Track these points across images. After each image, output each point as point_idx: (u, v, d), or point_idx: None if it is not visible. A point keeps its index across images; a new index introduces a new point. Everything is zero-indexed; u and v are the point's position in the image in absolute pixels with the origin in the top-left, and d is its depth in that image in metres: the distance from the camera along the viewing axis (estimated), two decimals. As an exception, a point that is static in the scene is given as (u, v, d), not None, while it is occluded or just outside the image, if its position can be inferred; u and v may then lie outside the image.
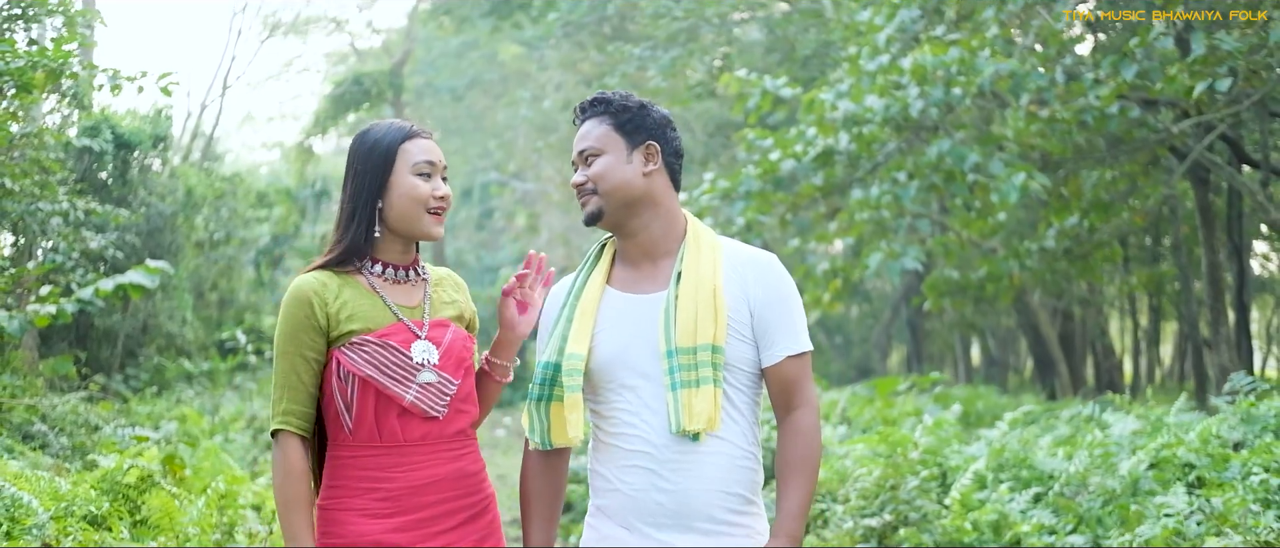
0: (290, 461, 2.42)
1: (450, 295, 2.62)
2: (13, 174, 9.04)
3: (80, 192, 11.33)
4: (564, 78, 18.76)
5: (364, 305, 2.48)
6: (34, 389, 8.68)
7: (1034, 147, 8.85)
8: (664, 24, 14.57)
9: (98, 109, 13.39)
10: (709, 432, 2.36)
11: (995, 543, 4.58)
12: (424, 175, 2.50)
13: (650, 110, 2.52)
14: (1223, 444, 5.08)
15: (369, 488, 2.43)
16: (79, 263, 11.43)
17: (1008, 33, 8.12)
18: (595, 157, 2.47)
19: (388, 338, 2.45)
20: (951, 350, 20.65)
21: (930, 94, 7.39)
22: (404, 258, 2.55)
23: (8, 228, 10.76)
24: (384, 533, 2.41)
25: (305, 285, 2.48)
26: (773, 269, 2.46)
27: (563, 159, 20.09)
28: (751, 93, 8.26)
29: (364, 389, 2.42)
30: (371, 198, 2.48)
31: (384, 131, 2.54)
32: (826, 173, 8.16)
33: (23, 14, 9.91)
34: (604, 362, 2.45)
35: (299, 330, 2.46)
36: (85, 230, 11.06)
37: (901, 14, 8.48)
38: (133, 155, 13.49)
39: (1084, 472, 5.03)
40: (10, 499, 4.00)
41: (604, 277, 2.53)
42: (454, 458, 2.49)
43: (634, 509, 2.40)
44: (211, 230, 15.88)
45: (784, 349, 2.41)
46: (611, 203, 2.45)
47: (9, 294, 8.72)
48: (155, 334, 13.76)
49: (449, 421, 2.49)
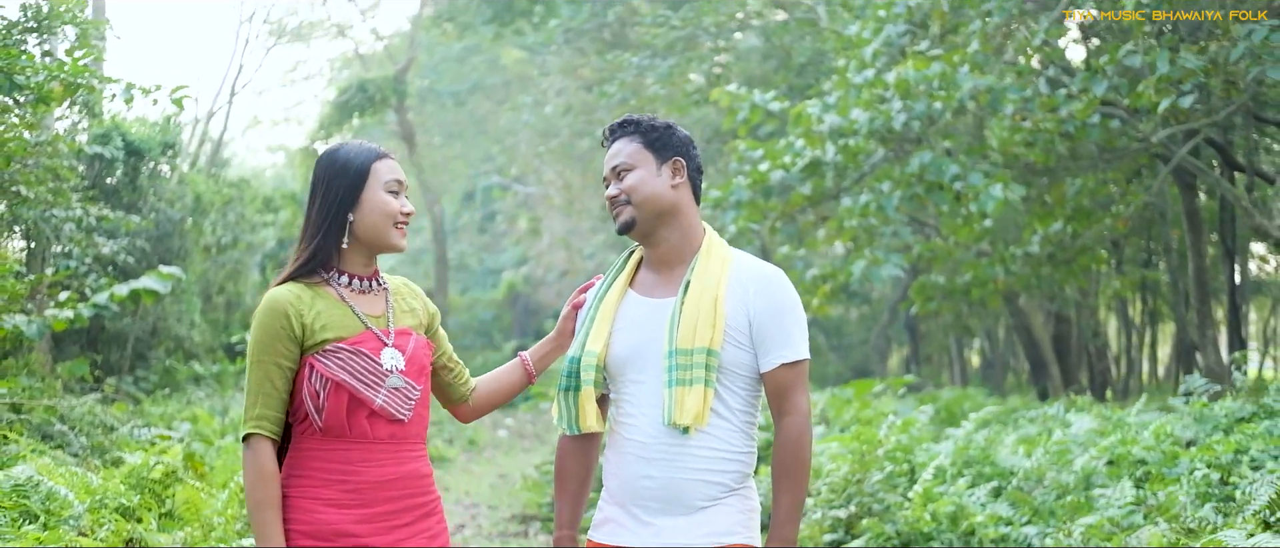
0: (263, 463, 2.58)
1: (409, 304, 2.81)
2: (27, 181, 9.31)
3: (92, 198, 11.62)
4: (565, 83, 18.99)
5: (336, 315, 2.64)
6: (51, 391, 8.98)
7: (1018, 155, 9.16)
8: (662, 33, 14.87)
9: (108, 116, 13.68)
10: (698, 427, 2.57)
11: (952, 532, 4.91)
12: (393, 193, 2.70)
13: (675, 130, 2.78)
14: (1175, 443, 5.39)
15: (335, 480, 2.59)
16: (91, 268, 11.72)
17: (989, 48, 8.42)
18: (628, 171, 2.71)
19: (360, 346, 2.63)
20: (948, 353, 20.91)
21: (913, 108, 7.71)
22: (367, 269, 2.73)
23: (22, 234, 11.07)
24: (347, 523, 2.58)
25: (281, 298, 2.62)
26: (775, 283, 2.65)
27: (564, 163, 20.31)
28: (741, 106, 8.58)
29: (336, 392, 2.59)
30: (342, 211, 2.66)
31: (356, 151, 2.72)
32: (815, 183, 8.48)
33: (38, 26, 10.19)
34: (619, 359, 2.70)
35: (275, 340, 2.59)
36: (97, 236, 11.36)
37: (888, 29, 8.80)
38: (142, 162, 13.76)
39: (1041, 468, 5.36)
40: (47, 493, 4.33)
41: (628, 281, 2.77)
42: (413, 459, 2.69)
43: (628, 492, 2.63)
44: (218, 235, 16.13)
45: (778, 357, 2.61)
46: (643, 213, 2.68)
47: (28, 299, 9.02)
48: (164, 337, 14.02)
49: (412, 423, 2.68)
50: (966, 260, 11.10)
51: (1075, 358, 15.41)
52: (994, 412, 7.61)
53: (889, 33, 8.74)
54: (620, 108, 16.03)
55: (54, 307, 8.77)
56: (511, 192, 26.17)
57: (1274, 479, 4.22)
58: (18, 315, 8.49)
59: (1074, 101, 7.29)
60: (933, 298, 11.09)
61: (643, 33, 15.54)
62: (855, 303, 21.98)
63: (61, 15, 10.15)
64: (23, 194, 9.34)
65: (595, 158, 18.67)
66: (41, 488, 4.32)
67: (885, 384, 11.50)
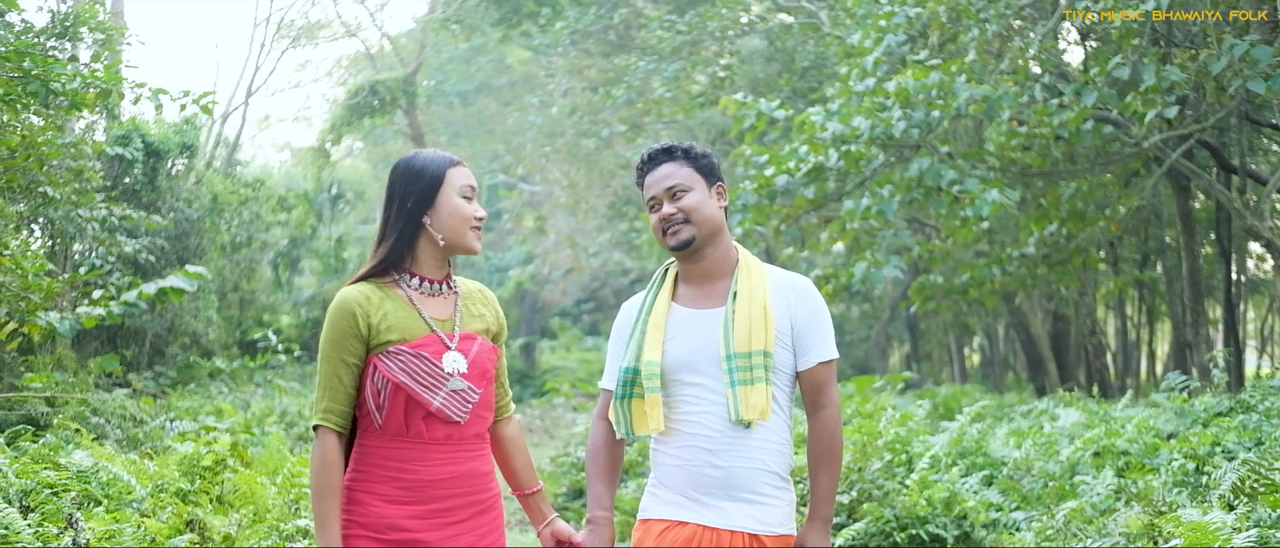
0: (327, 453, 2.69)
1: (479, 310, 2.89)
2: (53, 182, 9.63)
3: (114, 198, 11.93)
4: (571, 84, 19.23)
5: (402, 317, 2.72)
6: (83, 385, 9.33)
7: (1015, 160, 9.50)
8: (668, 38, 15.18)
9: (127, 118, 13.99)
10: (758, 421, 2.81)
11: (946, 516, 5.29)
12: (467, 198, 2.80)
13: (714, 158, 3.01)
14: (1157, 435, 5.75)
15: (392, 477, 2.69)
16: (114, 267, 12.05)
17: (986, 58, 8.75)
18: (685, 192, 2.90)
19: (421, 349, 2.70)
20: (947, 350, 21.22)
21: (912, 116, 8.05)
22: (439, 273, 2.82)
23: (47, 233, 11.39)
24: (401, 518, 2.68)
25: (351, 298, 2.72)
26: (810, 291, 2.93)
27: (570, 163, 20.53)
28: (747, 114, 8.93)
29: (396, 393, 2.68)
30: (417, 214, 2.75)
31: (432, 158, 2.82)
32: (818, 187, 8.83)
33: (64, 32, 10.50)
34: (672, 364, 2.88)
35: (344, 338, 2.69)
36: (119, 235, 11.68)
37: (888, 38, 9.14)
38: (161, 163, 14.06)
39: (1029, 458, 5.74)
40: (112, 478, 4.68)
41: (670, 295, 2.97)
42: (470, 458, 2.77)
43: (692, 482, 2.84)
44: (233, 234, 16.44)
45: (816, 357, 2.88)
46: (703, 232, 2.89)
47: (61, 297, 9.34)
48: (181, 333, 14.35)
49: (469, 425, 2.76)
50: (965, 261, 11.46)
51: (1073, 356, 15.70)
52: (987, 406, 8.03)
53: (889, 42, 9.08)
54: (626, 109, 16.35)
55: (88, 304, 9.09)
56: (517, 190, 26.41)
57: (1237, 467, 4.58)
58: (51, 313, 8.80)
59: (1066, 111, 7.63)
60: (932, 297, 11.44)
61: (649, 37, 15.83)
62: (857, 302, 22.33)
63: (87, 21, 10.48)
64: (49, 195, 9.66)
65: (601, 158, 18.93)
66: (102, 474, 4.67)
67: (885, 380, 11.87)
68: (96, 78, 8.48)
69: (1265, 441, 5.00)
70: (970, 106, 7.89)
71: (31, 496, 4.37)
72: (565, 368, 25.98)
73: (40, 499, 4.34)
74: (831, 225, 9.82)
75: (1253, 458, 4.47)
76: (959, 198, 8.56)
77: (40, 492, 4.39)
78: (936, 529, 5.19)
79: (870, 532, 5.35)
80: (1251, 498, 4.15)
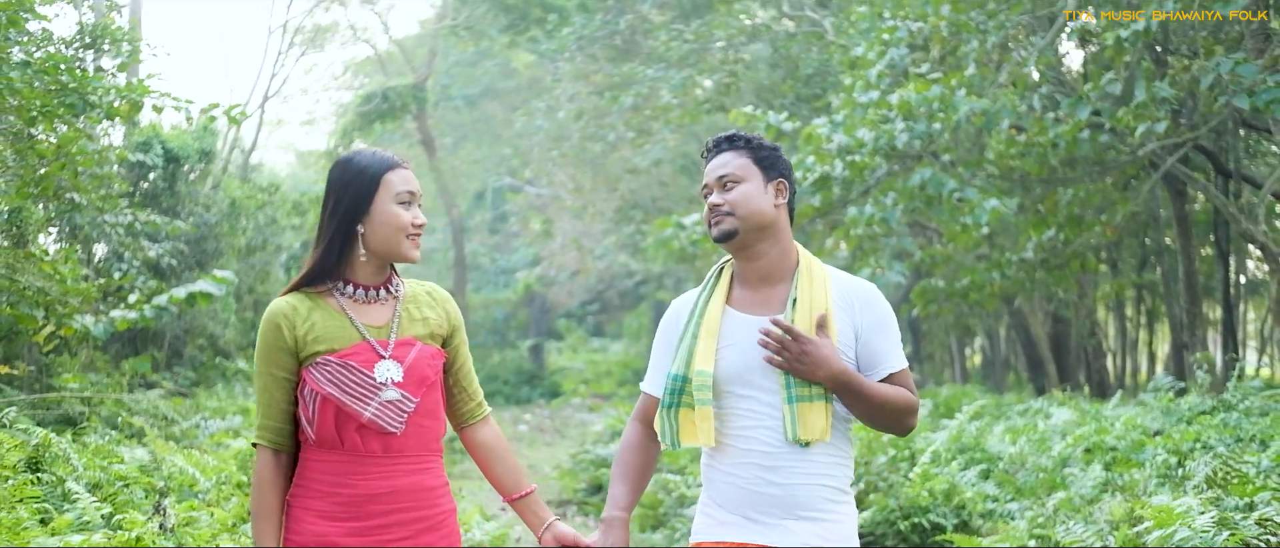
0: (262, 472, 2.62)
1: (422, 313, 2.73)
2: (81, 188, 9.97)
3: (136, 204, 12.27)
4: (577, 89, 19.51)
5: (330, 327, 2.61)
6: (117, 386, 9.67)
7: (1014, 168, 9.85)
8: (675, 46, 15.52)
9: (147, 124, 14.33)
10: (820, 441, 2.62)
11: (945, 506, 5.70)
12: (405, 204, 2.64)
13: (781, 153, 2.81)
14: (1144, 432, 6.14)
15: (328, 492, 2.58)
16: (140, 271, 12.39)
17: (986, 71, 9.11)
18: (736, 183, 2.71)
19: (349, 359, 2.58)
20: (949, 352, 21.52)
21: (914, 127, 8.42)
22: (376, 278, 2.68)
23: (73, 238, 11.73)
24: (338, 536, 2.57)
25: (276, 311, 2.62)
26: (876, 298, 2.73)
27: (576, 167, 20.85)
28: (756, 127, 9.29)
29: (324, 405, 2.57)
30: (351, 221, 2.61)
31: (369, 160, 2.65)
32: (824, 195, 9.21)
33: (92, 43, 10.86)
34: (726, 374, 2.68)
35: (270, 352, 2.60)
36: (142, 240, 12.03)
37: (891, 52, 9.51)
38: (180, 168, 14.40)
39: (1024, 453, 6.15)
40: (177, 470, 5.02)
41: (724, 297, 2.76)
42: (411, 472, 2.63)
43: (749, 501, 2.65)
44: (249, 238, 16.74)
45: (886, 368, 2.67)
46: (746, 226, 2.69)
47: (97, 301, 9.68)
48: (197, 335, 14.67)
49: (409, 436, 2.62)
50: (965, 266, 11.80)
51: (1073, 357, 15.97)
52: (985, 405, 8.44)
53: (892, 56, 9.44)
54: (633, 114, 16.68)
55: (124, 308, 9.44)
56: (524, 193, 26.70)
57: (1210, 460, 4.97)
58: (86, 316, 9.15)
59: (1061, 125, 8.00)
60: (933, 300, 11.79)
61: (656, 45, 16.14)
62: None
63: (113, 34, 10.85)
64: (76, 200, 10.00)
65: (607, 161, 19.25)
66: (165, 467, 5.02)
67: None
68: (130, 90, 8.83)
69: (1242, 437, 5.39)
70: (971, 119, 8.25)
71: (104, 488, 4.73)
72: (573, 368, 26.33)
73: (112, 491, 4.69)
74: (837, 232, 10.19)
75: (1223, 452, 4.84)
76: (959, 205, 8.92)
77: (112, 484, 4.74)
78: (937, 518, 5.60)
79: (876, 520, 5.76)
80: (1223, 487, 4.51)
